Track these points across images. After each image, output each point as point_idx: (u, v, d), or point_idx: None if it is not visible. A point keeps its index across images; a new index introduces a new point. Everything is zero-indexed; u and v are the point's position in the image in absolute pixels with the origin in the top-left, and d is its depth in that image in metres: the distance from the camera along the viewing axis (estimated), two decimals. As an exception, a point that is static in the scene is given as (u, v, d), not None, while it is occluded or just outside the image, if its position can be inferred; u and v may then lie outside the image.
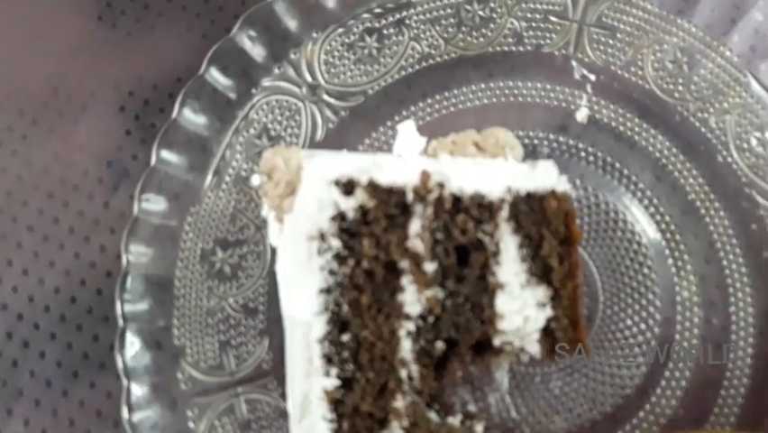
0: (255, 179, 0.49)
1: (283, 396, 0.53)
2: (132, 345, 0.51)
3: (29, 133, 0.62)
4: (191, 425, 0.52)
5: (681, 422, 0.54)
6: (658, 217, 0.58)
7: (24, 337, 0.58)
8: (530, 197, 0.51)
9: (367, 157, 0.49)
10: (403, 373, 0.49)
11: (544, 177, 0.51)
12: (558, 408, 0.55)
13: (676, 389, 0.55)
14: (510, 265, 0.50)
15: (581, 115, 0.60)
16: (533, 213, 0.51)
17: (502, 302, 0.50)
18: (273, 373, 0.54)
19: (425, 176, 0.47)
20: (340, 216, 0.47)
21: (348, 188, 0.47)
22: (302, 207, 0.46)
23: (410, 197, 0.48)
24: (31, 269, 0.59)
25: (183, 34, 0.64)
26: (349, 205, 0.47)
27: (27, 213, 0.60)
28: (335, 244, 0.47)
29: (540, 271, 0.51)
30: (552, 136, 0.59)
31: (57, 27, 0.64)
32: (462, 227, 0.49)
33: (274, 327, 0.53)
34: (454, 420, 0.52)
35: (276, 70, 0.58)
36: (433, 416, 0.51)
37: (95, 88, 0.63)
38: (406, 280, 0.48)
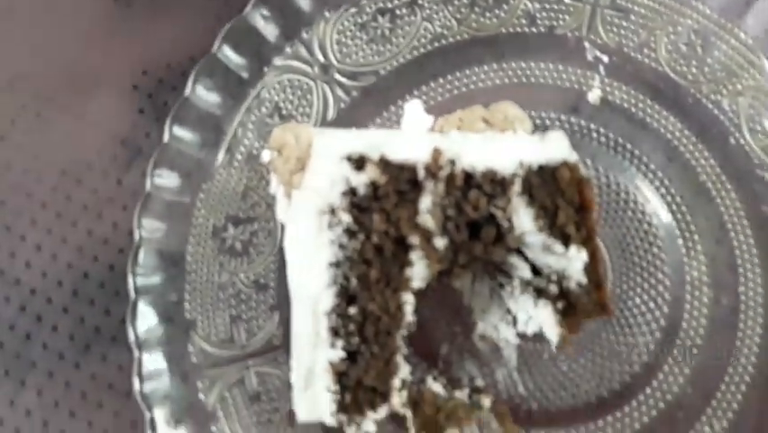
0: (265, 155, 0.50)
1: (293, 370, 0.54)
2: (144, 318, 0.52)
3: (43, 111, 0.63)
4: (202, 396, 0.53)
5: (689, 399, 0.54)
6: (669, 198, 0.58)
7: (37, 311, 0.59)
8: (542, 169, 0.50)
9: (378, 133, 0.49)
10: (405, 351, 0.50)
11: (555, 148, 0.51)
12: (565, 384, 0.55)
13: (684, 366, 0.55)
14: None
15: (594, 96, 0.60)
16: (546, 185, 0.50)
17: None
18: (283, 347, 0.55)
19: (437, 153, 0.48)
20: (351, 192, 0.47)
21: (359, 163, 0.47)
22: (313, 182, 0.46)
23: (421, 173, 0.48)
24: (44, 245, 0.61)
25: (196, 15, 0.65)
26: (360, 180, 0.47)
27: (41, 190, 0.62)
28: (346, 218, 0.47)
29: (558, 240, 0.51)
30: (564, 117, 0.60)
31: (72, 8, 0.65)
32: (475, 204, 0.49)
33: (284, 303, 0.54)
34: (462, 394, 0.53)
35: (288, 50, 0.59)
36: (439, 390, 0.52)
37: (108, 68, 0.64)
38: (415, 256, 0.49)
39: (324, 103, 0.59)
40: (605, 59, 0.60)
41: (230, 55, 0.57)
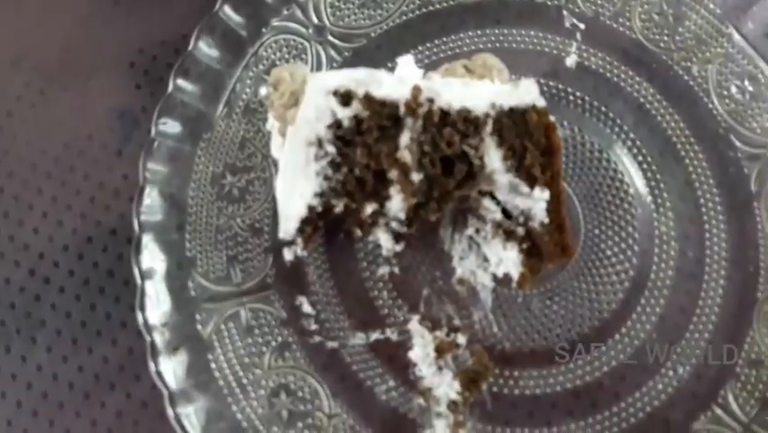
0: (263, 91, 0.53)
1: (284, 307, 0.58)
2: (147, 252, 0.56)
3: (46, 88, 0.66)
4: (199, 327, 0.56)
5: (655, 345, 0.58)
6: (640, 158, 0.61)
7: (45, 274, 0.63)
8: (512, 111, 0.53)
9: (366, 72, 0.52)
10: None
11: (526, 94, 0.54)
12: (537, 327, 0.58)
13: (651, 315, 0.58)
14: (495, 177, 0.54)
15: (571, 61, 0.63)
16: (515, 126, 0.53)
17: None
18: (275, 286, 0.58)
19: (416, 90, 0.51)
20: (336, 124, 0.51)
21: (345, 98, 0.51)
22: (304, 115, 0.50)
23: (402, 110, 0.51)
24: (50, 212, 0.64)
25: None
26: (345, 114, 0.51)
27: (45, 161, 0.65)
28: (331, 150, 0.51)
29: (525, 181, 0.53)
30: (542, 80, 0.63)
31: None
32: (449, 140, 0.52)
33: (277, 246, 0.58)
34: (441, 333, 0.57)
35: (285, 11, 0.62)
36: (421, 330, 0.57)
37: (106, 47, 0.67)
38: (393, 190, 0.52)
39: (318, 63, 0.62)
40: (582, 26, 0.63)
41: (230, 14, 0.60)
